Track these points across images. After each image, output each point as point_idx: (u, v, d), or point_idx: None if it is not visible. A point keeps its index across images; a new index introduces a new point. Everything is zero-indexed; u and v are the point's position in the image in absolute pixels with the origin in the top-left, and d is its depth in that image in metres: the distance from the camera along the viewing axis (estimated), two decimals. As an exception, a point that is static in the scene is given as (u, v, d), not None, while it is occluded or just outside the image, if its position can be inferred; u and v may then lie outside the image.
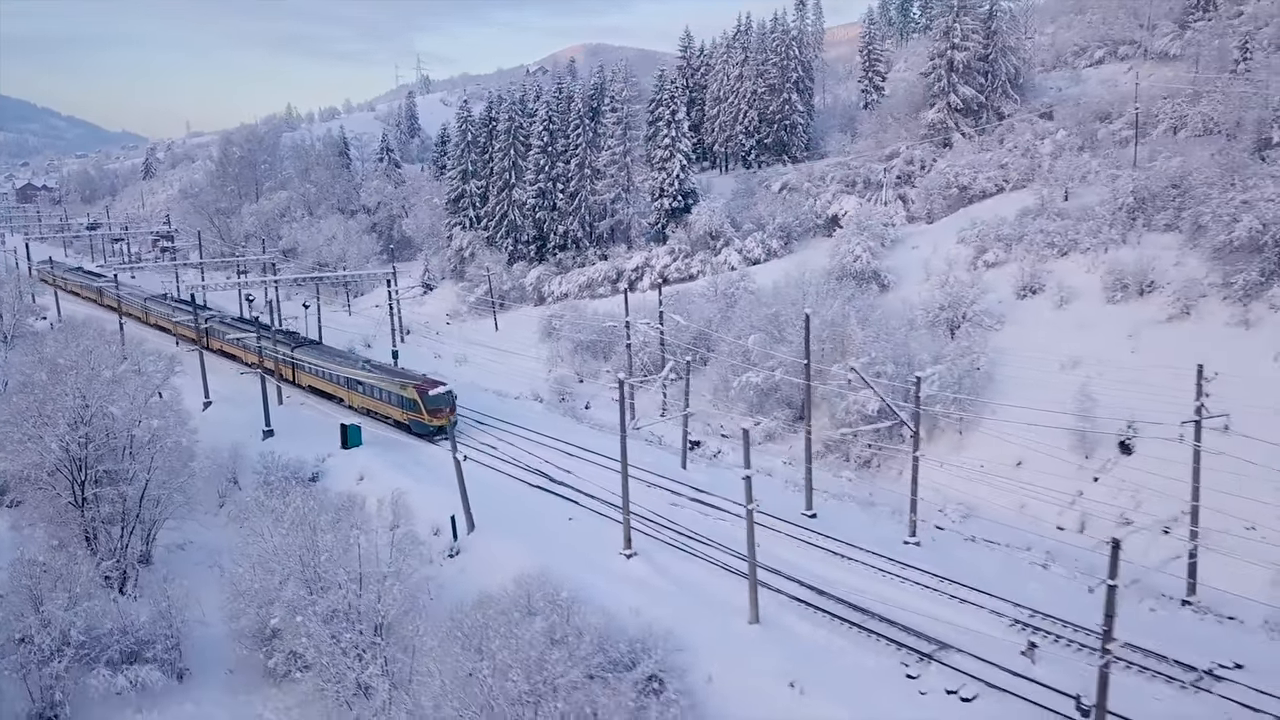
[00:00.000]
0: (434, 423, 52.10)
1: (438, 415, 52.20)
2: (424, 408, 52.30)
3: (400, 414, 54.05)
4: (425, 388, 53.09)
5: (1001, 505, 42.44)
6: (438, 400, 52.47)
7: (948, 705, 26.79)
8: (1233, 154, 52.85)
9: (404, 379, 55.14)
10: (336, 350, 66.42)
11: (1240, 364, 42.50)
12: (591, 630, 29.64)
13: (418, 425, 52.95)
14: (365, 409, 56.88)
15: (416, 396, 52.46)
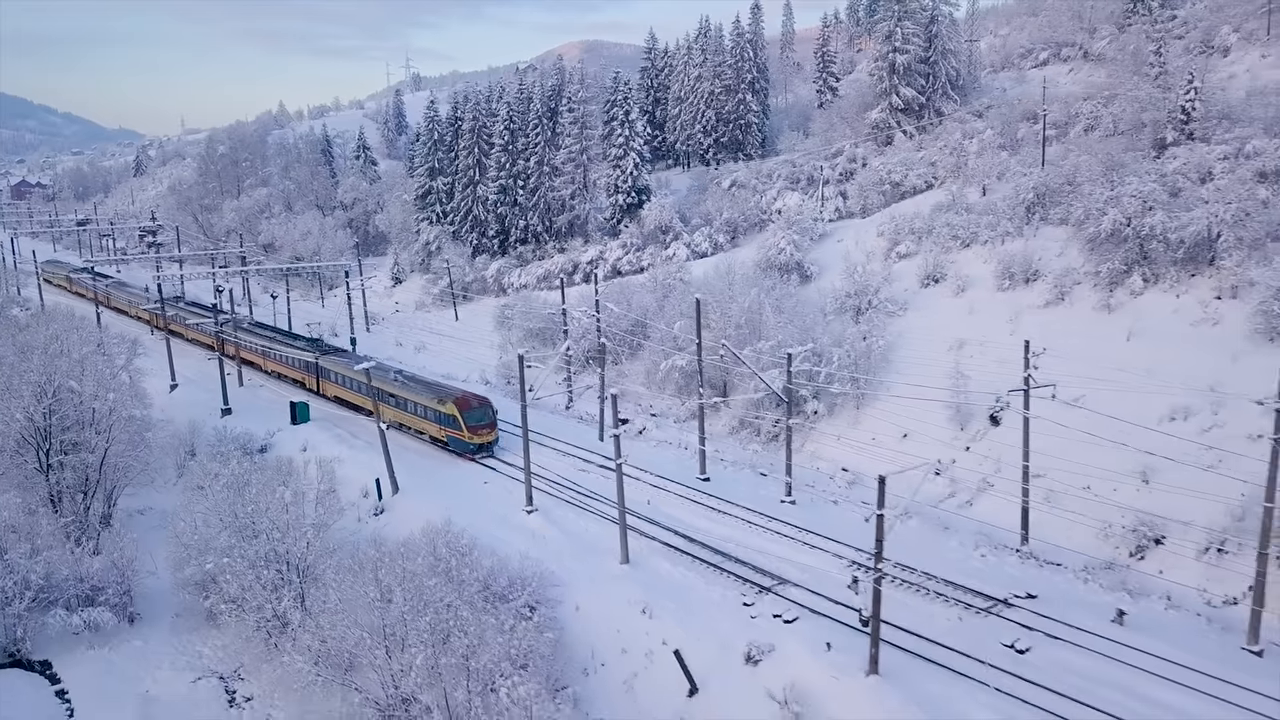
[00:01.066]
0: (475, 440, 49.33)
1: (479, 432, 49.34)
2: (464, 424, 49.35)
3: (438, 430, 51.34)
4: (466, 402, 50.05)
5: (862, 464, 47.14)
6: (479, 416, 49.59)
7: (771, 625, 31.61)
8: (1114, 153, 57.39)
9: (441, 392, 52.32)
10: (365, 359, 60.68)
11: (1098, 344, 47.38)
12: (482, 569, 34.49)
13: (457, 443, 50.07)
14: (397, 423, 53.74)
15: (456, 412, 49.64)
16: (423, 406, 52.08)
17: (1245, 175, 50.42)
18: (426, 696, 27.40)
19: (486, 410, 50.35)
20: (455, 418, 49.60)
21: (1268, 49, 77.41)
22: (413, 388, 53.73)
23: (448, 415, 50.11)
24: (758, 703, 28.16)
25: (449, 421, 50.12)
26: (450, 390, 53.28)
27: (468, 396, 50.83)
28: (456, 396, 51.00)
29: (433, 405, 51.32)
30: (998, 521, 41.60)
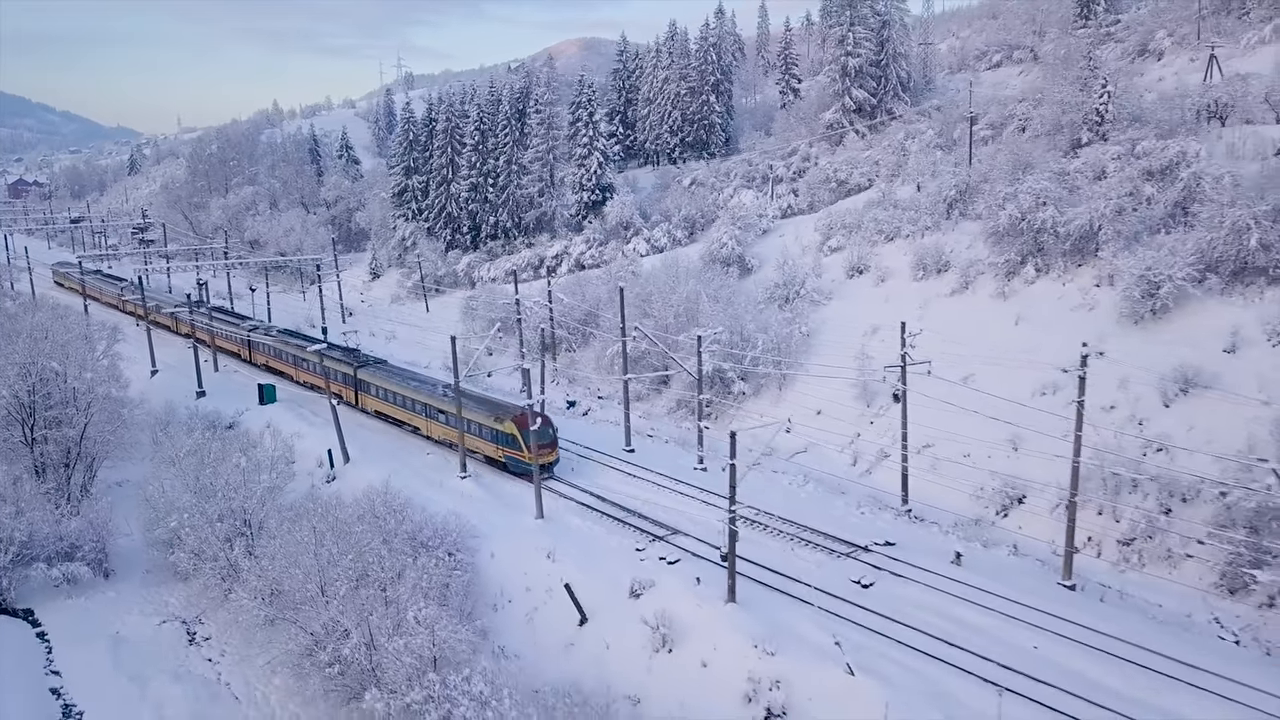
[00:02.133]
0: (535, 461, 45.34)
1: (541, 452, 45.73)
2: (524, 444, 46.19)
3: (494, 450, 49.06)
4: (526, 420, 45.88)
5: (796, 445, 52.04)
6: (540, 434, 45.74)
7: (656, 565, 36.63)
8: (1023, 152, 62.21)
9: (499, 409, 49.70)
10: (408, 371, 60.84)
11: (992, 328, 52.42)
12: (411, 522, 39.47)
13: (516, 464, 47.71)
14: (447, 441, 51.78)
15: (516, 431, 47.08)
16: (478, 424, 49.43)
17: (1133, 174, 55.17)
18: (348, 621, 32.34)
19: (547, 428, 47.18)
20: (515, 437, 47.02)
21: (1196, 53, 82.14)
22: (466, 404, 50.11)
23: (507, 434, 47.61)
24: (634, 628, 33.09)
25: (508, 441, 47.65)
26: (508, 407, 49.88)
27: (526, 414, 46.35)
28: (516, 414, 47.57)
29: (489, 423, 48.84)
30: (888, 487, 46.60)
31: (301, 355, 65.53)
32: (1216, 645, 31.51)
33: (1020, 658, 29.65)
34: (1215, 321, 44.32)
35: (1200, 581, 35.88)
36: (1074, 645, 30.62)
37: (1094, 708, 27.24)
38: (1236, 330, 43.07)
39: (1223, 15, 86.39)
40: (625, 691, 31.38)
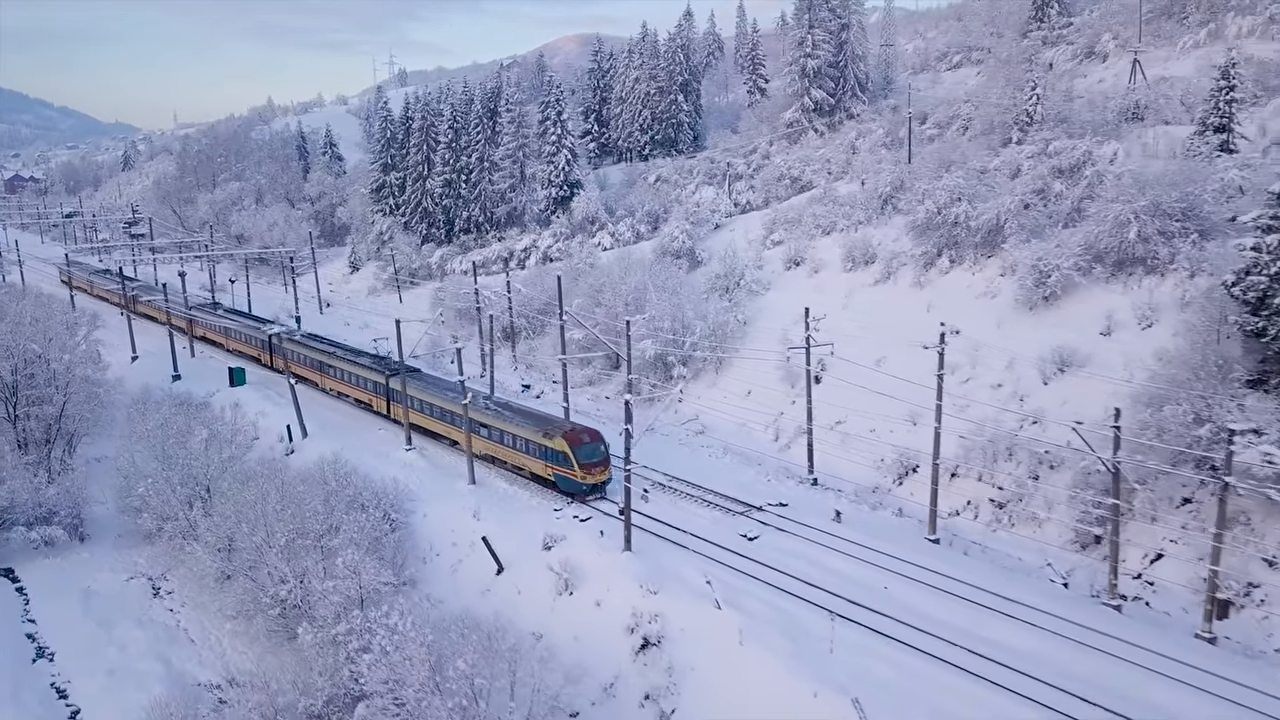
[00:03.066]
0: (589, 480, 44.87)
1: (593, 470, 44.99)
2: (576, 462, 44.84)
3: (542, 467, 46.55)
4: (577, 437, 45.51)
5: (728, 421, 56.48)
6: (591, 452, 45.33)
7: (569, 523, 41.30)
8: (945, 150, 66.63)
9: (547, 425, 47.53)
10: (445, 382, 57.52)
11: (907, 314, 56.79)
12: (353, 487, 43.96)
13: (567, 483, 45.39)
14: (489, 456, 49.88)
15: (567, 449, 45.10)
16: (524, 440, 47.40)
17: (1044, 172, 59.59)
18: (285, 568, 36.88)
19: (599, 445, 45.85)
20: (566, 455, 44.96)
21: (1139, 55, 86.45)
22: (511, 418, 48.96)
23: (557, 452, 45.35)
24: (543, 575, 37.61)
25: (558, 459, 45.37)
26: (557, 422, 48.40)
27: (578, 430, 46.09)
28: (566, 430, 46.13)
29: (537, 439, 46.50)
30: (801, 459, 51.04)
31: (328, 362, 64.57)
32: (1047, 588, 35.98)
33: (869, 595, 34.15)
34: (1096, 307, 48.74)
35: (1058, 538, 40.32)
36: (920, 586, 35.10)
37: (918, 633, 31.74)
38: (1112, 315, 47.49)
39: (1163, 19, 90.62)
40: (531, 629, 35.81)
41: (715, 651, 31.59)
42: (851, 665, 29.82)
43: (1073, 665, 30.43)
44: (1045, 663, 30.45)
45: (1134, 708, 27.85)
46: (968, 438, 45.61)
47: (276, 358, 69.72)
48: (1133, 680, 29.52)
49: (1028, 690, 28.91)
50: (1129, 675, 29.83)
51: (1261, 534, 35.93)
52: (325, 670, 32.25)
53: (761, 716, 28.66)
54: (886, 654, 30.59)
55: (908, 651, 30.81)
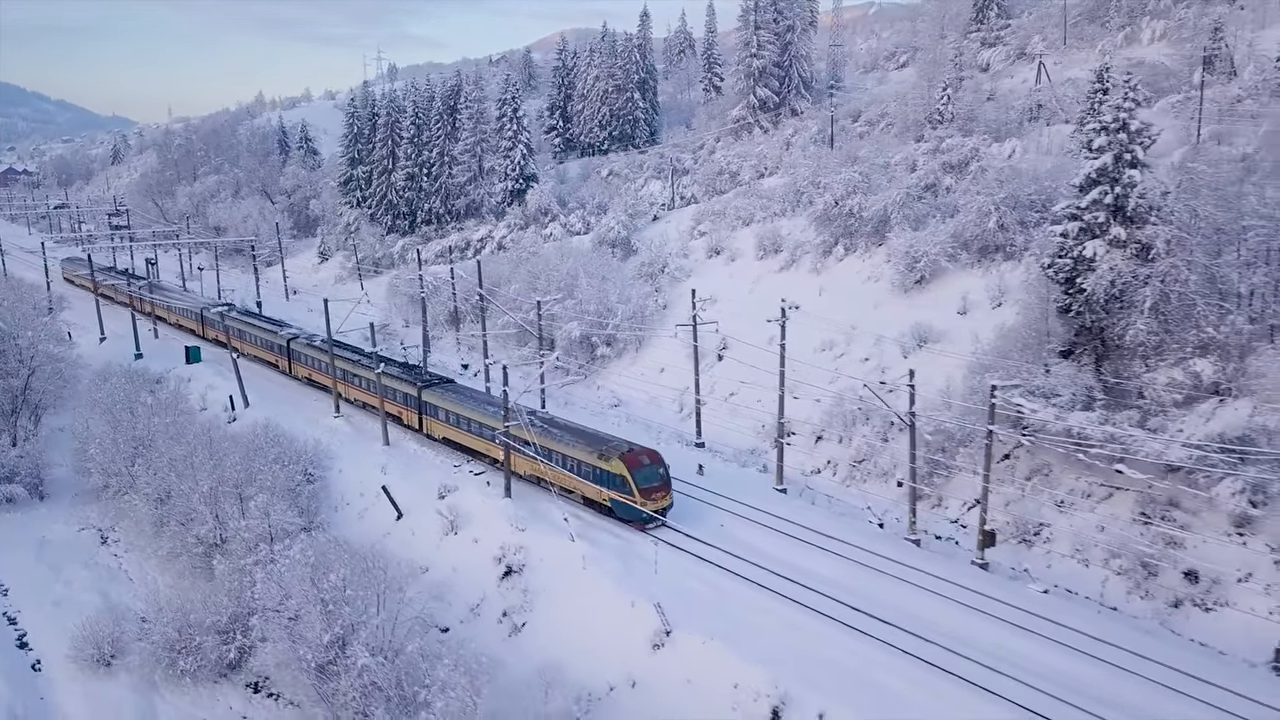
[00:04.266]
0: (650, 506, 40.82)
1: (654, 495, 41.23)
2: (636, 486, 41.00)
3: (597, 493, 42.74)
4: (636, 459, 41.72)
5: (642, 396, 62.08)
6: (651, 475, 41.56)
7: (464, 477, 47.06)
8: (853, 146, 72.18)
9: (602, 445, 43.57)
10: (482, 395, 53.13)
11: (803, 297, 62.16)
12: (278, 447, 49.63)
13: (626, 510, 41.43)
14: (535, 477, 45.64)
15: (626, 472, 41.23)
16: (575, 461, 43.77)
17: (935, 166, 65.14)
18: (206, 510, 42.62)
19: (659, 467, 42.18)
20: (625, 479, 41.23)
21: (1061, 56, 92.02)
22: (559, 436, 45.37)
23: (614, 476, 41.66)
24: (434, 518, 43.35)
25: (615, 483, 41.68)
26: (613, 442, 44.26)
27: (637, 451, 42.46)
28: (624, 451, 42.39)
29: (591, 461, 42.90)
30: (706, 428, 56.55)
31: (354, 372, 60.38)
32: (866, 529, 41.65)
33: (705, 530, 39.92)
34: (958, 289, 54.38)
35: (899, 491, 45.89)
36: (754, 525, 40.86)
37: (738, 560, 37.50)
38: (968, 296, 53.11)
39: (1088, 23, 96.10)
40: (420, 563, 41.55)
41: (563, 575, 37.31)
42: (671, 583, 35.54)
43: (866, 587, 36.09)
44: (844, 586, 36.10)
45: (907, 619, 33.40)
46: (835, 405, 51.19)
47: (209, 328, 77.93)
48: (912, 597, 35.17)
49: (820, 606, 34.54)
50: (910, 593, 35.47)
51: (1057, 483, 41.53)
52: (231, 592, 37.97)
53: (590, 622, 34.33)
54: (704, 574, 36.33)
55: (723, 574, 36.54)
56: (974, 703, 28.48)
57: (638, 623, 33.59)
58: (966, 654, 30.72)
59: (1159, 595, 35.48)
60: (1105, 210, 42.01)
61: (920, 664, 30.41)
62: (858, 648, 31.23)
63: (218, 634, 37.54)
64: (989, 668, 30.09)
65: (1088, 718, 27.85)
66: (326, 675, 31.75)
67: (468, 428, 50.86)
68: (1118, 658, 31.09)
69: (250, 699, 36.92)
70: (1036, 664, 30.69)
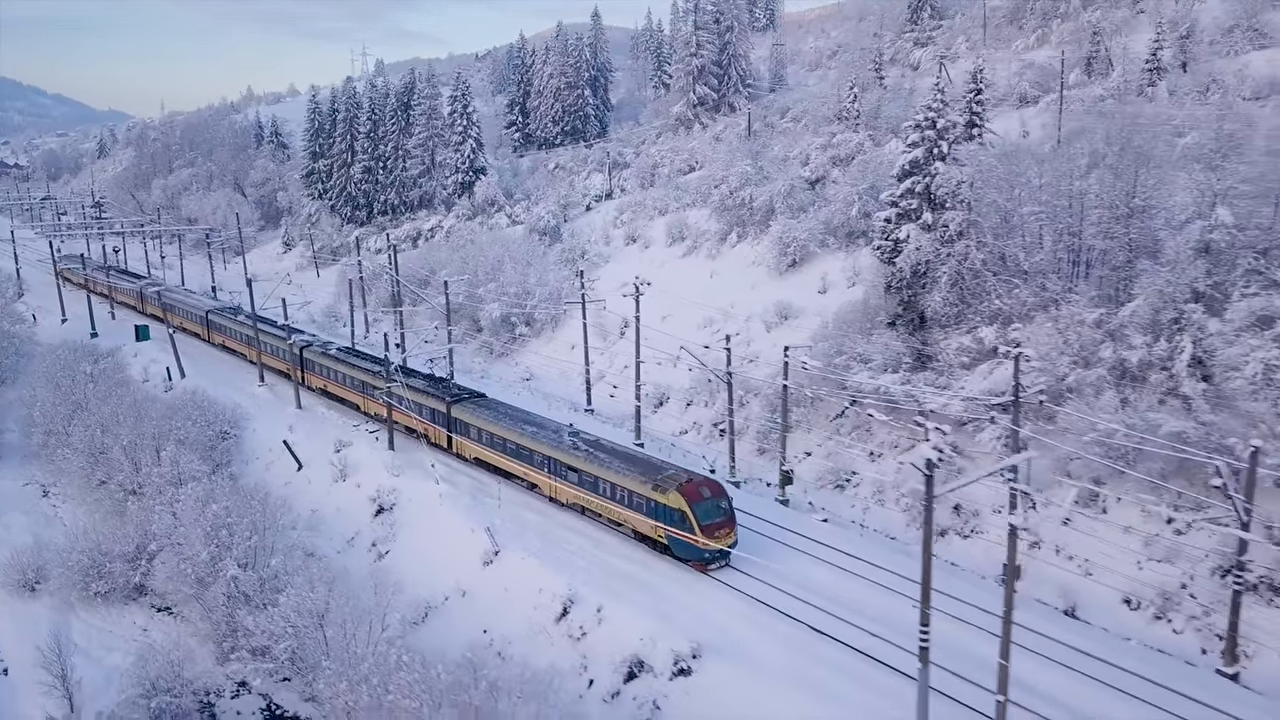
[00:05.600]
0: (713, 545, 36.52)
1: (717, 533, 36.81)
2: (696, 522, 36.61)
3: (649, 526, 38.54)
4: (695, 491, 37.47)
5: (554, 371, 68.30)
6: (713, 509, 37.22)
7: (360, 434, 53.48)
8: (756, 142, 78.36)
9: (656, 474, 39.18)
10: (519, 411, 50.28)
11: (697, 280, 68.59)
12: (202, 412, 56.05)
13: (684, 548, 37.20)
14: (578, 505, 42.55)
15: (685, 506, 36.86)
16: (625, 491, 39.44)
17: (824, 160, 71.34)
18: (124, 459, 49.04)
19: (721, 499, 37.90)
20: (684, 514, 36.77)
21: (980, 56, 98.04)
22: (607, 462, 40.99)
23: (670, 510, 37.28)
24: (327, 468, 49.81)
25: (671, 518, 37.24)
26: (668, 470, 39.87)
27: (696, 482, 38.26)
28: (681, 482, 38.05)
29: (644, 491, 38.41)
30: (599, 397, 62.78)
31: (374, 384, 55.46)
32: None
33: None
34: (822, 271, 60.55)
35: (748, 447, 52.11)
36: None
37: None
38: (827, 277, 59.34)
39: (1007, 24, 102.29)
40: (311, 506, 47.95)
41: (424, 511, 43.75)
42: (509, 514, 42.10)
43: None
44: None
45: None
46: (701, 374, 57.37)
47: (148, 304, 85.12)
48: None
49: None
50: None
51: (873, 437, 47.74)
52: (138, 525, 44.34)
53: (438, 547, 40.71)
54: (539, 507, 42.84)
55: (556, 508, 42.84)
56: (726, 598, 34.80)
57: (475, 546, 39.95)
58: (736, 565, 36.95)
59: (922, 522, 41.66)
60: (918, 198, 48.29)
61: (689, 570, 36.70)
62: (643, 558, 37.53)
63: (126, 561, 43.80)
64: (752, 576, 36.32)
65: (828, 618, 33.88)
66: (203, 585, 38.08)
67: (503, 448, 46.70)
68: (874, 574, 37.22)
69: (153, 616, 43.24)
70: (802, 576, 36.86)
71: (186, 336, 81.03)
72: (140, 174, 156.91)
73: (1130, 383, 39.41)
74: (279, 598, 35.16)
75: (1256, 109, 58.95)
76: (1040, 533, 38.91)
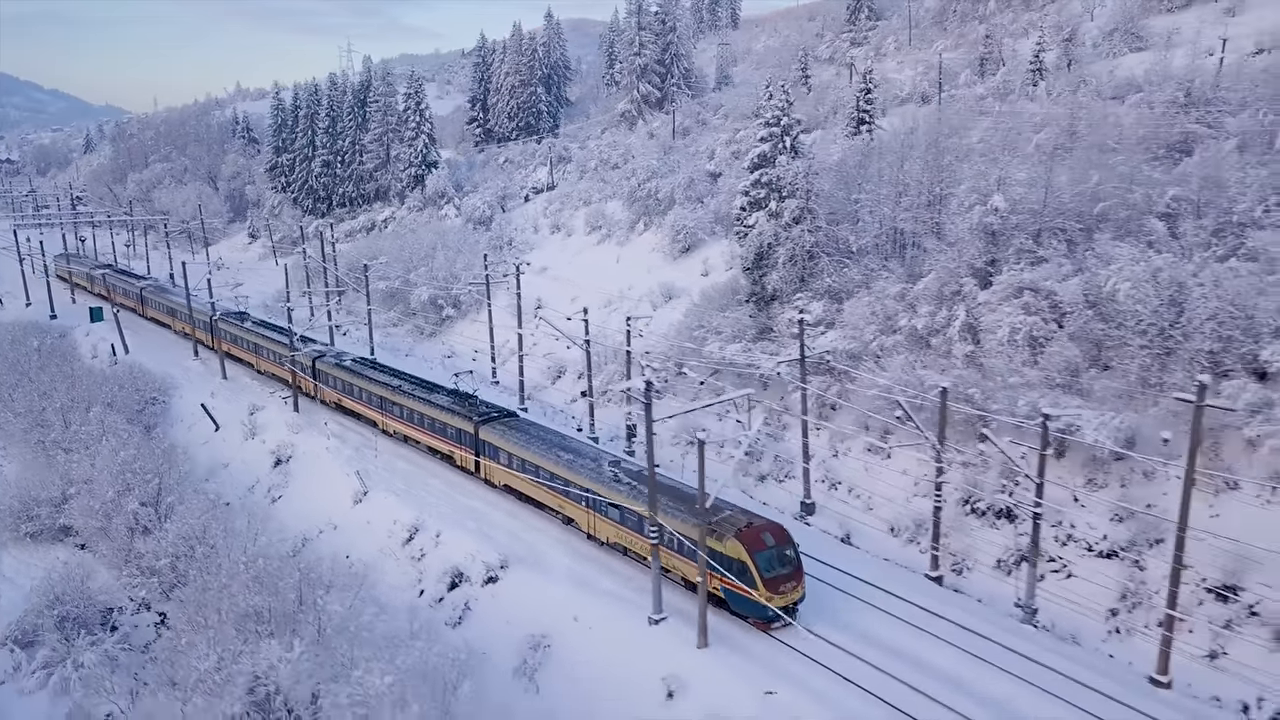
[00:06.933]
0: (778, 601, 31.90)
1: (783, 587, 32.17)
2: (759, 574, 31.96)
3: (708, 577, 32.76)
4: (756, 538, 32.71)
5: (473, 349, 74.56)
6: (778, 558, 32.56)
7: (275, 400, 59.86)
8: (659, 135, 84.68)
9: (709, 516, 32.73)
10: (554, 435, 46.36)
11: (605, 265, 74.93)
12: (134, 380, 62.62)
13: (743, 604, 32.63)
14: (619, 545, 37.93)
15: (745, 556, 32.14)
16: (673, 536, 34.45)
17: (726, 155, 77.64)
18: (56, 419, 55.62)
19: (787, 547, 33.08)
20: (743, 565, 32.10)
21: (903, 57, 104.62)
22: (659, 498, 34.29)
23: (727, 559, 32.52)
24: (240, 428, 56.30)
25: (730, 568, 32.51)
26: (725, 514, 34.17)
27: (757, 526, 33.35)
28: (740, 527, 33.14)
29: (696, 535, 32.52)
30: (505, 371, 69.12)
31: (392, 399, 53.44)
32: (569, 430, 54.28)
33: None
34: (706, 256, 66.89)
35: (621, 412, 58.44)
36: (476, 431, 53.44)
37: (442, 450, 50.26)
38: (709, 260, 65.70)
39: (932, 26, 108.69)
40: (223, 461, 54.47)
41: (312, 461, 50.28)
42: (384, 464, 48.61)
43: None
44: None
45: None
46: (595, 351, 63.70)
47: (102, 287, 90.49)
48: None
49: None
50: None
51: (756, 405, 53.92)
52: (63, 474, 50.82)
53: (320, 491, 47.22)
54: (411, 457, 49.29)
55: (425, 457, 49.34)
56: (534, 519, 41.30)
57: (349, 488, 46.45)
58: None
59: (754, 472, 48.08)
60: (765, 188, 54.65)
61: (517, 503, 43.30)
62: (486, 495, 44.09)
63: (52, 505, 50.23)
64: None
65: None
66: (109, 518, 44.57)
67: (536, 475, 42.30)
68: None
69: (75, 552, 49.66)
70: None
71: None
72: (117, 168, 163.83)
73: (921, 347, 45.71)
74: (167, 525, 41.59)
75: (1115, 106, 65.41)
76: (840, 475, 45.32)
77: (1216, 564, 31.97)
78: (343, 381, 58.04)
